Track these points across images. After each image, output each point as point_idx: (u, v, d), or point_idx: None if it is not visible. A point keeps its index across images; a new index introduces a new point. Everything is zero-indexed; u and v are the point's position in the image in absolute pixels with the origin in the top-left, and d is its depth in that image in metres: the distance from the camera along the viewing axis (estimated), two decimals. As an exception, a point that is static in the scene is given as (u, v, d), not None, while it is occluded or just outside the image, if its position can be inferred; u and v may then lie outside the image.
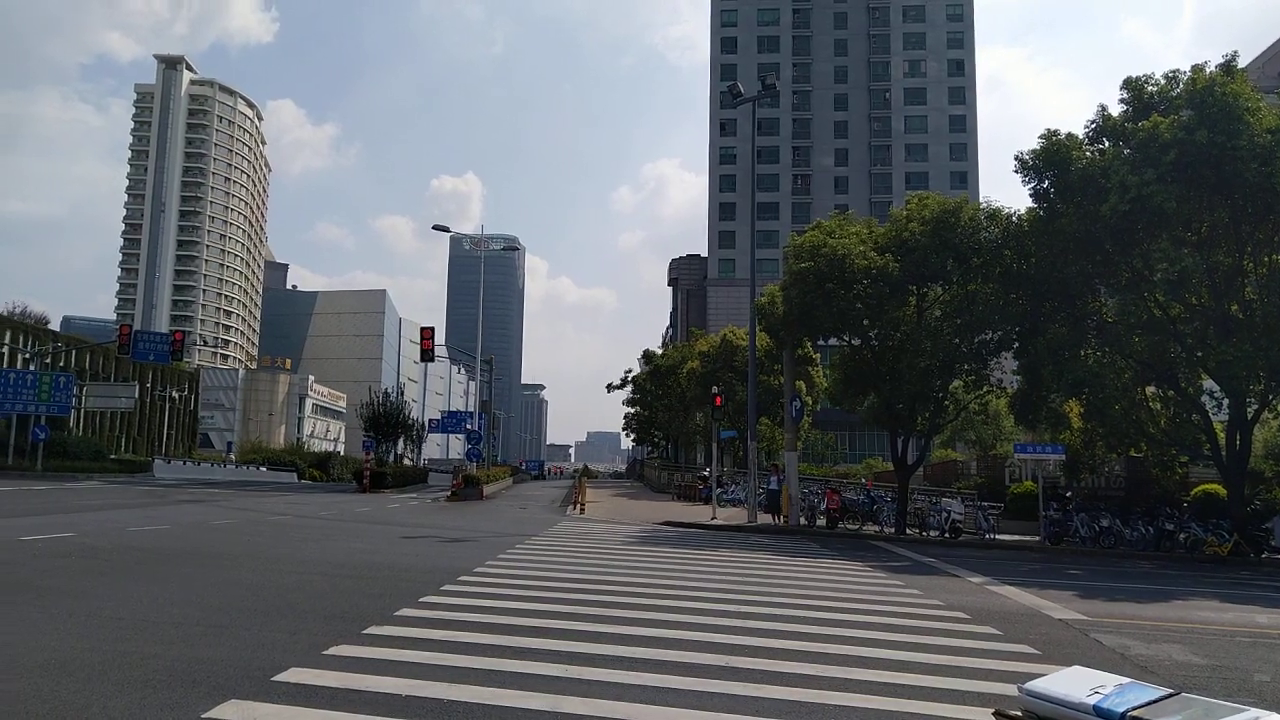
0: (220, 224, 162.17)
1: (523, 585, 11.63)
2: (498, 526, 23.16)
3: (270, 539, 17.05)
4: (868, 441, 73.55)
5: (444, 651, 7.38)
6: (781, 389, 37.34)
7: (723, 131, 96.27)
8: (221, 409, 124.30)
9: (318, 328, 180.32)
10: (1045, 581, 15.64)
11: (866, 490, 30.69)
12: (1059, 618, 11.26)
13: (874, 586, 13.61)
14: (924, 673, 7.47)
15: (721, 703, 6.22)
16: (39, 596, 9.20)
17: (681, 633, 8.72)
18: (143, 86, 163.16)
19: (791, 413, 29.38)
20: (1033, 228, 24.32)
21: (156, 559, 12.81)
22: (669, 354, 69.04)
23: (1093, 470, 28.96)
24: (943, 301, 26.54)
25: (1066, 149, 23.09)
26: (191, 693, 5.85)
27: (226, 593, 10.05)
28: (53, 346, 60.51)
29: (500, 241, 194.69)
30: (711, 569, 14.95)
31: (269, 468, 63.91)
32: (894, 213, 27.62)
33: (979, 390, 27.04)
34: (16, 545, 13.51)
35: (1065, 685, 4.24)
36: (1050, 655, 8.57)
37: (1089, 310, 24.76)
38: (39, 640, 7.17)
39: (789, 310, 26.64)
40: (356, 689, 6.11)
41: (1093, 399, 23.35)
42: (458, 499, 37.20)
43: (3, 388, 45.43)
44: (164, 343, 50.34)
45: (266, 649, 7.21)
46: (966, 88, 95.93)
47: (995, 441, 49.57)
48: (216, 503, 27.92)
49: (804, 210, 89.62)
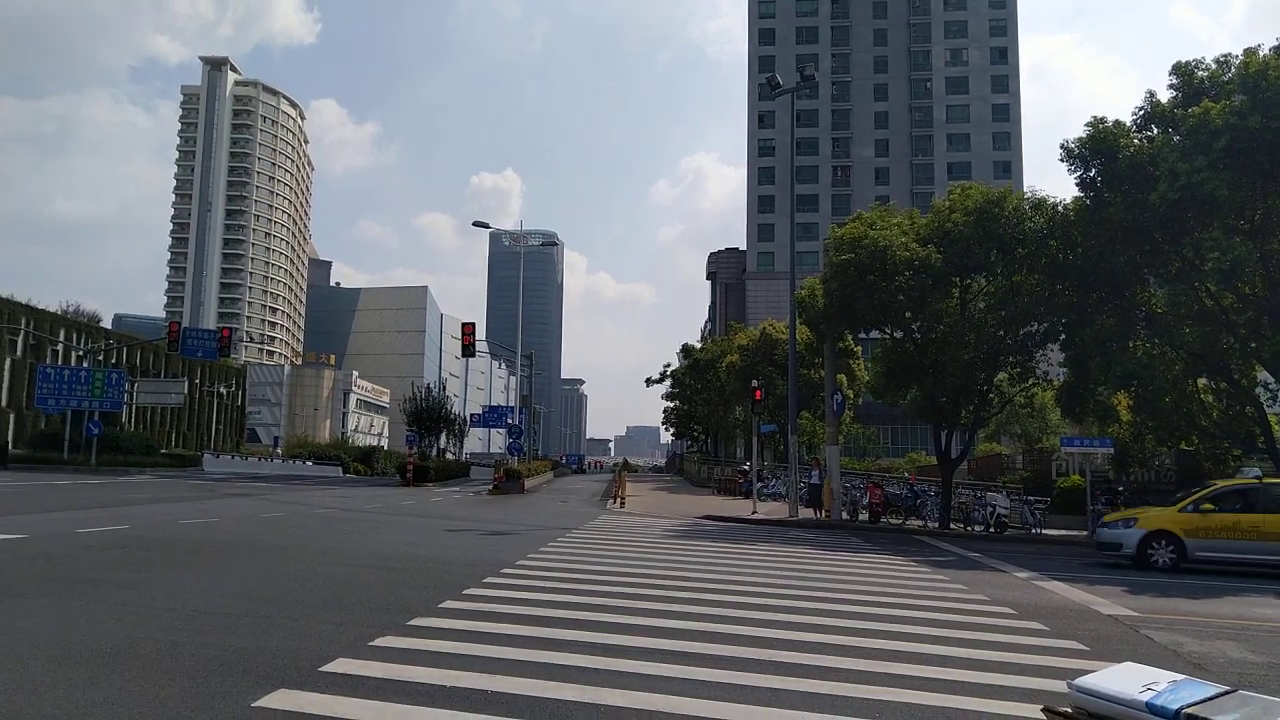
0: (265, 222, 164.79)
1: (563, 578, 11.69)
2: (539, 520, 23.29)
3: (317, 532, 17.30)
4: (911, 435, 72.81)
5: (486, 643, 7.45)
6: (822, 382, 37.09)
7: (761, 124, 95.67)
8: (268, 404, 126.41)
9: (361, 324, 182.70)
10: (1093, 577, 15.38)
11: (910, 484, 30.37)
12: (1108, 613, 11.07)
13: (918, 581, 13.48)
14: (969, 668, 7.38)
15: (763, 696, 6.20)
16: (95, 588, 9.43)
17: (722, 626, 8.70)
18: (189, 88, 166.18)
19: (833, 406, 29.16)
20: (1079, 217, 23.86)
21: (207, 551, 13.07)
22: (708, 348, 68.80)
23: (1142, 464, 28.40)
24: (987, 293, 26.17)
25: (1114, 136, 22.62)
26: (242, 681, 5.96)
27: (275, 584, 10.22)
28: (105, 344, 61.95)
29: (539, 237, 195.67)
30: (752, 563, 14.91)
31: (314, 462, 64.95)
32: (936, 203, 27.27)
33: (1024, 383, 26.64)
34: (73, 538, 13.86)
35: (1117, 681, 4.16)
36: (1100, 652, 8.43)
37: (1138, 301, 24.24)
38: (96, 630, 7.35)
39: (829, 303, 26.42)
40: (401, 679, 6.18)
41: (1142, 391, 22.88)
42: (499, 492, 37.47)
43: (58, 384, 46.60)
44: (212, 339, 51.24)
45: (314, 639, 7.32)
46: (1010, 76, 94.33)
47: (1041, 435, 48.83)
48: (264, 496, 28.40)
49: (844, 202, 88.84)
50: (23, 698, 5.43)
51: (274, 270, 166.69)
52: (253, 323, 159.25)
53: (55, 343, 57.49)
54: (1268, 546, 16.35)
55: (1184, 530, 16.94)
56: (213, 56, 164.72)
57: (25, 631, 7.19)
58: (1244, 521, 16.64)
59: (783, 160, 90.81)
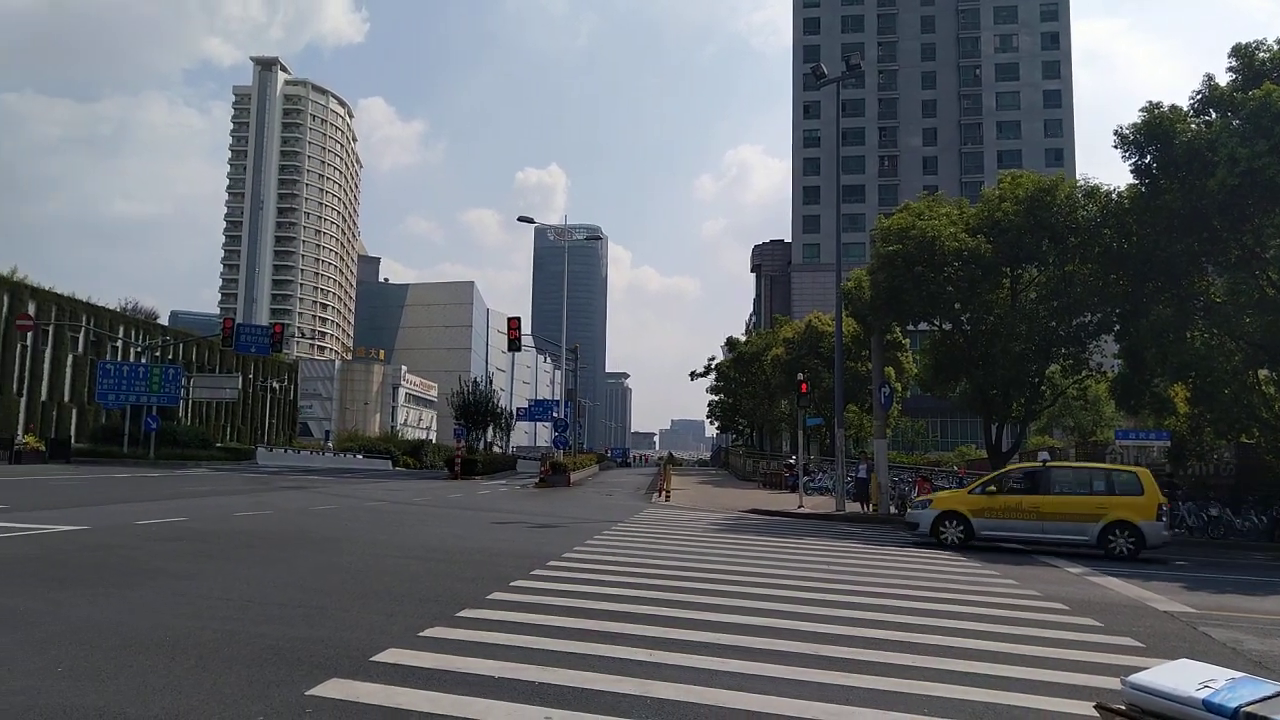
0: (315, 219, 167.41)
1: (610, 571, 11.74)
2: (584, 512, 23.41)
3: (367, 524, 17.58)
4: (960, 429, 71.86)
5: (534, 635, 7.51)
6: (869, 375, 36.75)
7: (806, 114, 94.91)
8: (319, 399, 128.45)
9: (409, 319, 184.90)
10: (1149, 572, 15.07)
11: (959, 478, 29.99)
12: (1164, 610, 10.84)
13: (968, 576, 13.32)
14: (1021, 664, 7.28)
15: (811, 690, 6.18)
16: (154, 578, 9.68)
17: (769, 620, 8.67)
18: (240, 88, 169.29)
19: (880, 399, 28.88)
20: (1134, 205, 23.31)
21: (261, 543, 13.35)
22: (752, 341, 68.53)
23: (1200, 457, 27.72)
24: (1038, 283, 25.72)
25: (1170, 122, 22.04)
26: (296, 671, 6.08)
27: (327, 576, 10.41)
28: (162, 340, 63.43)
29: (583, 232, 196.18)
30: (799, 557, 14.85)
31: (365, 455, 65.74)
32: (986, 192, 26.84)
33: (1077, 375, 26.16)
34: (133, 529, 14.24)
35: (1173, 678, 4.07)
36: (1155, 648, 8.26)
37: (1195, 290, 23.61)
38: (155, 619, 7.55)
39: (877, 294, 26.16)
40: (451, 670, 6.26)
41: (1200, 383, 22.32)
42: (545, 485, 37.72)
43: (118, 380, 47.87)
44: (264, 335, 52.22)
45: (365, 630, 7.45)
46: (1061, 61, 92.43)
47: (1095, 428, 47.87)
48: (316, 489, 28.90)
49: (891, 192, 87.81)
50: (88, 684, 5.60)
51: (324, 267, 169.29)
52: (304, 318, 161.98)
53: (115, 339, 59.02)
54: (1044, 525, 17.59)
55: (971, 510, 18.15)
56: (263, 57, 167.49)
57: (89, 620, 7.41)
58: (1025, 502, 17.81)
59: (828, 151, 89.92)
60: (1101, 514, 17.25)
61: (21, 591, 8.53)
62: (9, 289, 50.92)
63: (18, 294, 51.06)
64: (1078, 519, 17.38)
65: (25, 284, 54.26)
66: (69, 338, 55.00)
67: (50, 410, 53.22)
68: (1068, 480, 18.44)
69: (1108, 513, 17.21)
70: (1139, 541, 16.97)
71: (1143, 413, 26.16)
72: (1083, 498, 17.69)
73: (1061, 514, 17.50)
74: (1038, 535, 17.77)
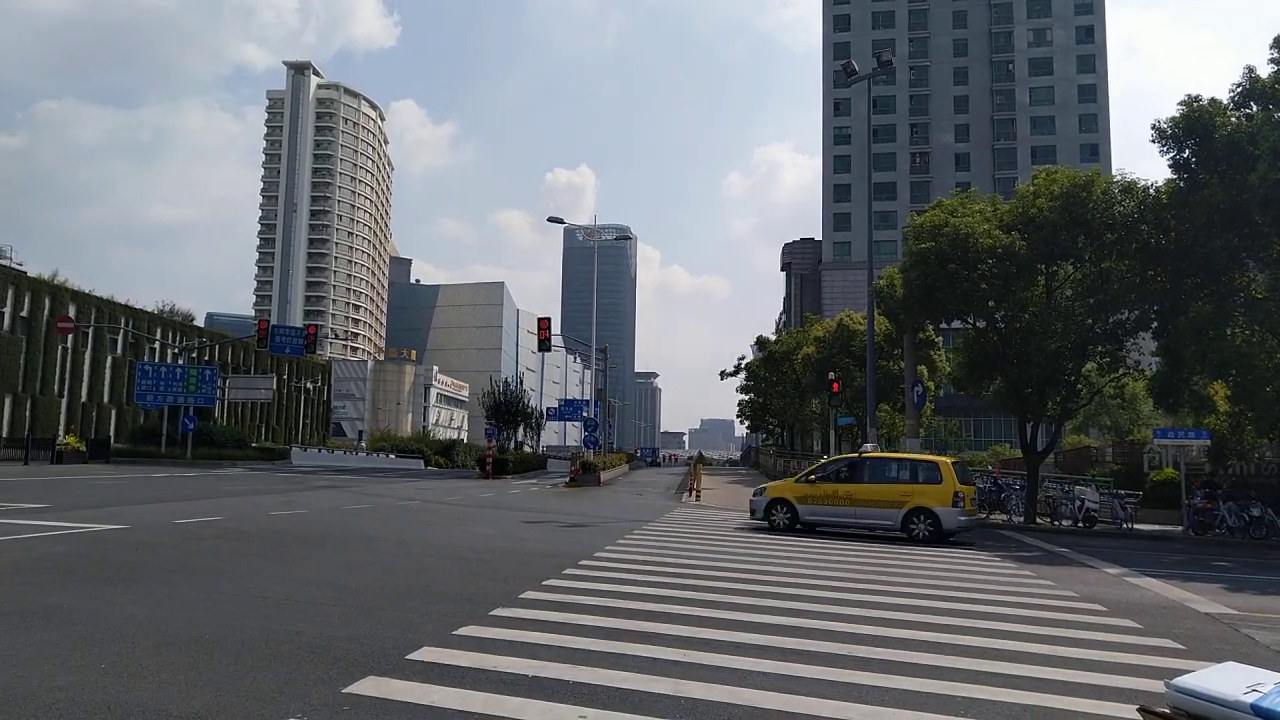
0: (347, 222, 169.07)
1: (641, 570, 11.74)
2: (615, 512, 23.43)
3: (401, 523, 17.72)
4: (994, 427, 71.08)
5: (566, 634, 7.53)
6: (901, 374, 36.47)
7: (836, 112, 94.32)
8: (352, 399, 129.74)
9: (440, 320, 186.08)
10: (1189, 574, 14.83)
11: (994, 478, 29.66)
12: (1206, 611, 10.65)
13: (1003, 576, 13.17)
14: (1059, 666, 7.18)
15: (844, 691, 6.13)
16: (192, 576, 9.82)
17: (802, 620, 8.63)
18: (274, 93, 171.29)
19: (913, 398, 28.65)
20: (1172, 200, 22.92)
21: (297, 542, 13.50)
22: (783, 340, 68.19)
23: (1241, 456, 27.23)
24: (1074, 280, 25.36)
25: (1209, 115, 21.66)
26: (332, 669, 6.14)
27: (362, 574, 10.50)
28: (198, 342, 64.38)
29: (612, 232, 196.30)
30: (831, 557, 14.76)
31: (397, 455, 66.30)
32: (1020, 189, 26.50)
33: (1114, 373, 25.75)
34: (172, 528, 14.46)
35: (1218, 682, 3.99)
36: (1197, 651, 8.12)
37: (1236, 286, 23.16)
38: (194, 617, 7.66)
39: (909, 292, 25.93)
40: (485, 668, 6.29)
41: (1241, 381, 21.90)
42: (576, 485, 37.80)
43: (155, 381, 48.65)
44: (298, 336, 52.82)
45: (400, 628, 7.50)
46: (1097, 55, 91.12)
47: (1132, 427, 47.11)
48: (349, 488, 29.18)
49: (923, 189, 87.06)
50: (130, 680, 5.69)
51: (356, 268, 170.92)
52: (337, 320, 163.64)
53: (152, 341, 59.98)
54: (857, 511, 18.96)
55: (796, 497, 19.62)
56: (295, 61, 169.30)
57: (130, 617, 7.53)
58: (841, 490, 19.21)
59: (859, 148, 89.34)
60: (905, 501, 18.47)
61: (65, 589, 8.69)
62: (50, 292, 51.93)
63: (59, 297, 52.07)
64: (885, 505, 18.64)
65: (66, 287, 55.34)
66: (108, 339, 56.00)
67: (90, 411, 54.22)
68: (879, 470, 19.63)
69: (910, 500, 18.42)
70: (937, 526, 18.07)
71: (1181, 411, 25.73)
72: (890, 486, 18.94)
73: (871, 501, 18.80)
74: (851, 520, 19.12)
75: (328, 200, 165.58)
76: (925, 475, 18.83)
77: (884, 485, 19.01)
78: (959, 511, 18.12)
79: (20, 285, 49.85)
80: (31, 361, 49.46)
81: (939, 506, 18.11)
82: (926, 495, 18.34)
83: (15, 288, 49.08)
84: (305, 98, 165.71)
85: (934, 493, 18.30)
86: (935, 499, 18.21)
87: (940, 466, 18.99)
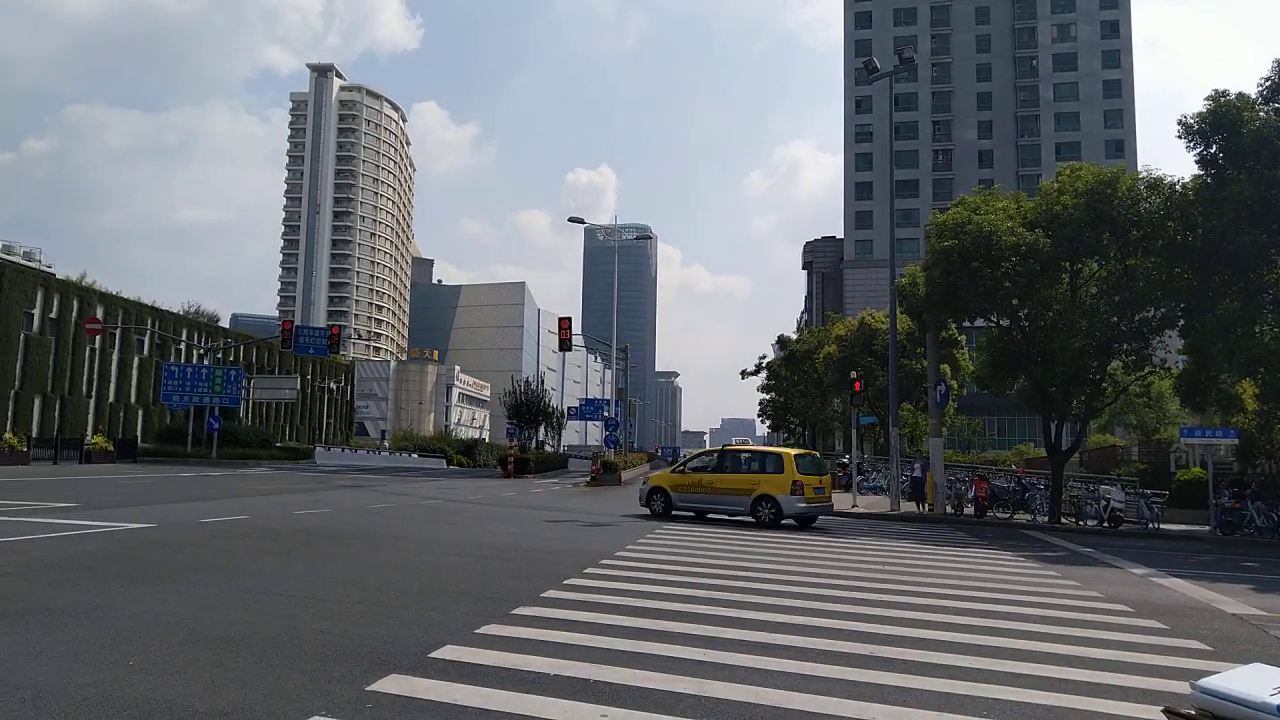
0: (370, 223, 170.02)
1: (662, 569, 11.75)
2: (636, 511, 23.43)
3: (423, 522, 17.82)
4: (1018, 426, 70.57)
5: (588, 633, 7.55)
6: (923, 373, 36.22)
7: (858, 109, 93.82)
8: (375, 399, 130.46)
9: (462, 320, 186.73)
10: (1216, 574, 14.66)
11: (1018, 477, 29.44)
12: (1233, 612, 10.53)
13: (1027, 576, 13.08)
14: (1084, 667, 7.13)
15: (867, 691, 6.12)
16: (218, 574, 9.93)
17: (824, 620, 8.61)
18: (297, 94, 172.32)
19: (936, 397, 28.45)
20: (1199, 196, 22.65)
21: (321, 540, 13.61)
22: (804, 339, 67.92)
23: (1270, 455, 26.88)
24: (1099, 278, 25.11)
25: (1237, 110, 21.39)
26: (356, 667, 6.19)
27: (385, 573, 10.57)
28: (223, 342, 65.04)
29: (633, 231, 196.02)
30: (853, 556, 14.71)
31: (419, 454, 66.69)
32: (1044, 185, 26.27)
33: (1140, 371, 25.48)
34: (198, 527, 14.62)
35: (1245, 683, 3.94)
36: (1224, 652, 8.03)
37: (1264, 283, 22.85)
38: (220, 615, 7.74)
39: (932, 291, 25.76)
40: (507, 667, 6.32)
41: (1269, 379, 21.61)
42: (597, 484, 37.89)
43: (181, 381, 49.20)
44: (322, 337, 53.22)
45: (423, 627, 7.55)
46: (1122, 50, 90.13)
47: (1159, 425, 46.65)
48: (373, 488, 29.38)
49: (945, 186, 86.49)
50: (157, 677, 5.77)
51: (379, 269, 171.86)
52: (360, 320, 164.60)
53: (178, 342, 60.64)
54: (715, 498, 21.05)
55: (670, 486, 21.76)
56: (318, 64, 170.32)
57: (158, 615, 7.63)
58: (704, 479, 21.35)
59: (881, 145, 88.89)
60: (753, 489, 20.47)
61: (94, 587, 8.82)
62: (78, 293, 52.61)
63: (86, 298, 52.74)
64: (737, 493, 20.67)
65: (94, 289, 56.06)
66: (135, 340, 56.66)
67: (118, 411, 54.89)
68: (736, 462, 21.61)
69: (757, 488, 20.43)
70: (778, 511, 20.08)
71: (1209, 410, 25.43)
72: (742, 476, 20.94)
73: (727, 489, 20.87)
74: (711, 506, 21.21)
75: (350, 201, 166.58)
76: (771, 466, 20.74)
77: (738, 475, 20.99)
78: (798, 499, 19.98)
79: (49, 287, 50.55)
80: (60, 362, 50.13)
81: (779, 494, 20.05)
82: (770, 484, 20.29)
83: (44, 289, 49.77)
84: (328, 100, 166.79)
85: (776, 482, 20.22)
86: (777, 487, 20.14)
87: (783, 458, 20.78)
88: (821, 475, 21.37)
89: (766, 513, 20.14)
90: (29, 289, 48.29)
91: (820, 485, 20.94)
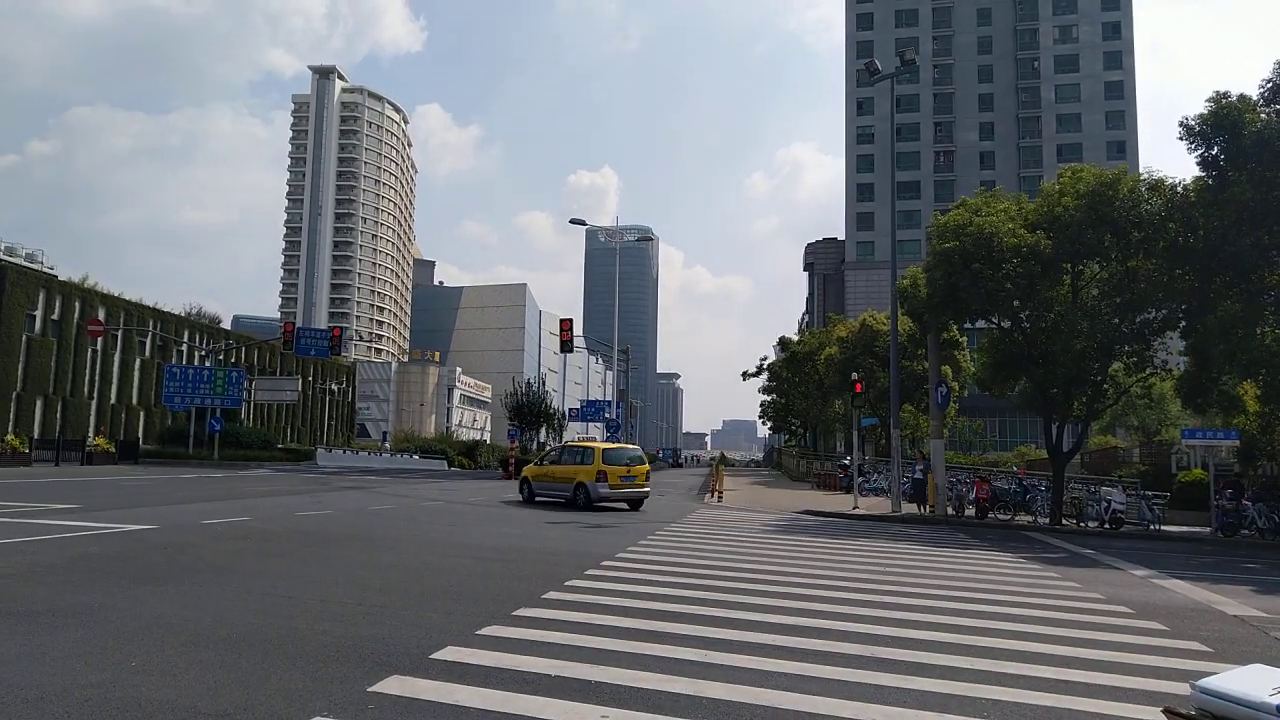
0: (372, 224, 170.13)
1: (663, 571, 11.76)
2: (637, 513, 23.44)
3: (424, 524, 17.83)
4: (1019, 428, 70.59)
5: (588, 634, 7.56)
6: (925, 374, 36.24)
7: (860, 111, 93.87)
8: (376, 400, 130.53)
9: (463, 321, 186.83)
10: (1217, 575, 14.66)
11: (1019, 479, 29.42)
12: (1233, 614, 10.53)
13: (1028, 578, 13.08)
14: (1084, 668, 7.14)
15: (865, 693, 6.13)
16: (220, 576, 9.95)
17: (824, 621, 8.62)
18: (299, 96, 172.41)
19: (937, 399, 28.44)
20: (1200, 198, 22.63)
21: (322, 542, 13.63)
22: (805, 340, 67.99)
23: (1271, 457, 26.86)
24: (1100, 279, 25.10)
25: (1239, 111, 21.37)
26: (357, 668, 6.21)
27: (386, 575, 10.59)
28: (225, 344, 65.08)
29: (634, 233, 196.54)
30: (854, 558, 14.71)
31: (421, 456, 66.65)
32: (1045, 187, 26.27)
33: (1141, 373, 25.44)
34: (200, 529, 14.64)
35: (1244, 683, 3.95)
36: (1224, 653, 8.03)
37: (1266, 285, 22.82)
38: (222, 616, 7.77)
39: (933, 292, 25.74)
40: (508, 668, 6.34)
41: (1271, 380, 21.60)
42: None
43: (183, 383, 49.21)
44: (323, 338, 53.23)
45: (424, 628, 7.57)
46: (1124, 51, 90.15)
47: (1160, 427, 46.63)
48: (374, 489, 29.39)
49: (947, 188, 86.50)
50: (160, 678, 5.79)
51: (381, 270, 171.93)
52: (361, 322, 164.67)
53: (180, 343, 60.71)
54: (554, 485, 24.79)
55: (533, 476, 25.85)
56: (321, 66, 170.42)
57: (159, 616, 7.65)
58: (551, 470, 25.36)
59: (883, 147, 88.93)
60: (574, 477, 24.03)
61: (96, 588, 8.84)
62: (80, 295, 52.68)
63: (89, 300, 52.81)
64: (565, 481, 24.34)
65: (96, 290, 56.14)
66: (137, 342, 56.73)
67: (119, 413, 54.96)
68: (571, 455, 25.32)
69: (577, 476, 23.98)
70: (587, 496, 23.43)
71: (1210, 411, 25.42)
72: (570, 466, 24.50)
73: (560, 478, 24.61)
74: (553, 493, 24.76)
75: (352, 203, 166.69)
76: (586, 458, 24.23)
77: (569, 466, 24.60)
78: (604, 485, 23.38)
79: (51, 289, 50.61)
80: (62, 364, 50.20)
81: (589, 481, 23.58)
82: (584, 473, 23.79)
83: (46, 291, 49.83)
84: (330, 102, 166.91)
85: (587, 471, 23.75)
86: (587, 476, 23.69)
87: (594, 451, 24.60)
88: (634, 465, 24.37)
89: (580, 497, 23.57)
90: (31, 291, 48.36)
91: (630, 474, 23.96)
